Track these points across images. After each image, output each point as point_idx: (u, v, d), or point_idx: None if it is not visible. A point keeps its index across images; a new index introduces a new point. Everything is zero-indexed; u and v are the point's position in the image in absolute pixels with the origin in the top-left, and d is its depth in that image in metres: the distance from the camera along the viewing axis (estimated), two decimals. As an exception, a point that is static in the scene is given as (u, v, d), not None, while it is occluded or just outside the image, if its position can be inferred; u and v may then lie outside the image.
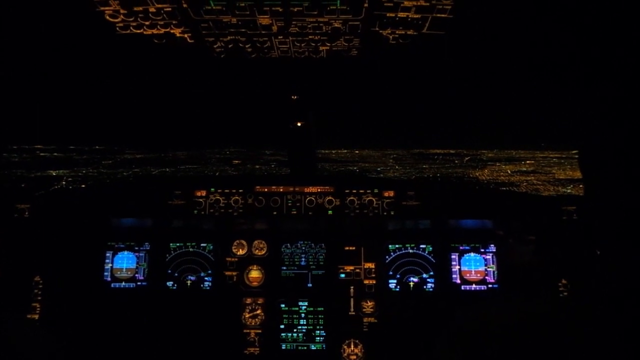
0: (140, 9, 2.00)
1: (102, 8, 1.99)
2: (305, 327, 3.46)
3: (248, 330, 3.44)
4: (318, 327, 3.46)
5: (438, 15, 2.04)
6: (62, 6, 2.02)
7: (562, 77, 2.77)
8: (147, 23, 2.13)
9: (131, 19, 2.09)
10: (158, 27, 2.18)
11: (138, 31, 2.21)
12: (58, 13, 2.10)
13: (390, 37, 2.28)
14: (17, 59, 2.61)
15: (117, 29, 2.18)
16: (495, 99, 3.37)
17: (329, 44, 2.37)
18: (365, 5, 1.97)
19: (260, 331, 3.44)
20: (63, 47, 2.49)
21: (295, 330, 3.46)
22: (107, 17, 2.07)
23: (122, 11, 2.01)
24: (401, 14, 2.05)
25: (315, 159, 3.84)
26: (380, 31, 2.23)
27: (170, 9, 2.02)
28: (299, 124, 3.46)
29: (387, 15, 2.07)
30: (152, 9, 2.01)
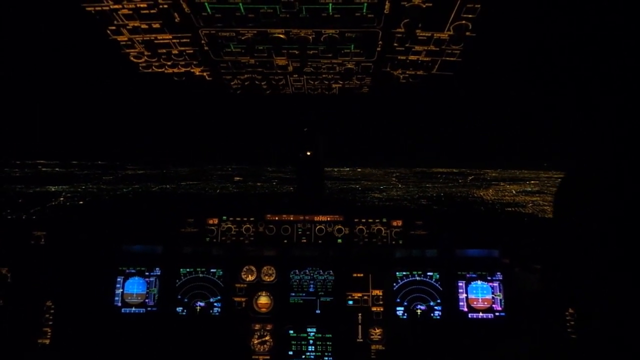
0: (164, 51, 2.10)
1: (127, 50, 2.09)
2: (314, 353, 3.47)
3: (257, 357, 3.46)
4: (326, 353, 3.47)
5: (447, 58, 2.14)
6: (85, 42, 2.11)
7: (559, 108, 2.86)
8: (169, 63, 2.23)
9: (154, 60, 2.19)
10: (179, 66, 2.28)
11: (159, 70, 2.31)
12: (82, 48, 2.20)
13: (401, 76, 2.37)
14: (37, 80, 2.71)
15: (140, 68, 2.28)
16: (499, 125, 3.46)
17: (341, 82, 2.47)
18: (378, 49, 2.07)
19: (268, 357, 3.46)
20: (84, 76, 2.58)
21: (303, 356, 3.47)
22: (132, 58, 2.17)
23: (146, 53, 2.11)
24: (412, 57, 2.15)
25: (323, 182, 3.88)
26: (392, 71, 2.32)
27: (192, 51, 2.12)
28: (308, 153, 3.54)
29: (399, 57, 2.16)
30: (174, 51, 2.11)
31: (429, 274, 3.62)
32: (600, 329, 3.17)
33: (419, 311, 3.56)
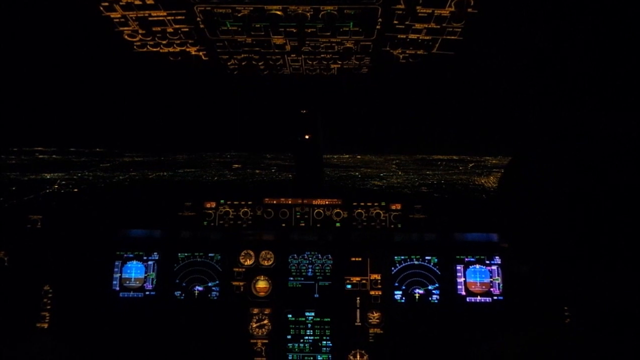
0: (159, 29, 2.05)
1: (121, 28, 2.04)
2: (312, 337, 3.49)
3: (255, 340, 3.47)
4: (324, 337, 3.48)
5: (448, 37, 2.09)
6: (78, 19, 2.06)
7: (559, 90, 2.82)
8: (164, 42, 2.18)
9: (149, 39, 2.14)
10: (174, 45, 2.23)
11: (155, 49, 2.26)
12: (74, 26, 2.14)
13: (401, 56, 2.33)
14: (34, 67, 2.65)
15: (135, 47, 2.23)
16: (501, 108, 3.41)
17: (340, 62, 2.42)
18: (378, 27, 2.02)
19: (267, 341, 3.47)
20: (77, 56, 2.52)
21: (301, 340, 3.49)
22: (126, 37, 2.12)
23: (140, 31, 2.06)
24: (412, 36, 2.10)
25: (321, 167, 3.86)
26: (391, 51, 2.27)
27: (187, 29, 2.07)
28: (307, 137, 3.50)
29: (399, 36, 2.11)
30: (169, 29, 2.06)
31: (427, 258, 3.62)
32: (597, 314, 3.18)
33: (417, 295, 3.57)
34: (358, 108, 3.28)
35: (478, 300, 3.54)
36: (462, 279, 3.58)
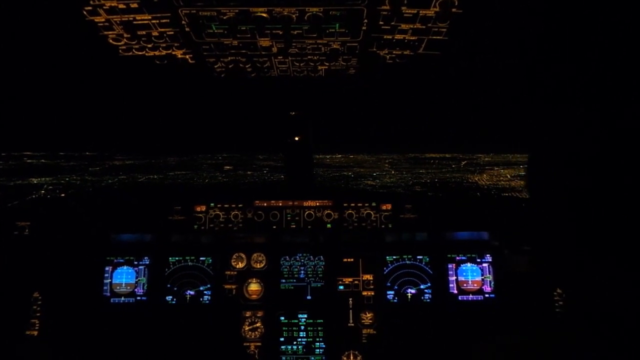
0: (144, 32, 2.04)
1: (105, 32, 2.02)
2: (305, 339, 3.48)
3: (248, 344, 3.46)
4: (318, 339, 3.48)
5: (434, 37, 2.10)
6: (62, 24, 2.04)
7: (544, 87, 2.84)
8: (149, 46, 2.16)
9: (134, 42, 2.13)
10: (160, 49, 2.21)
11: (140, 53, 2.25)
12: (58, 31, 2.12)
13: (388, 56, 2.33)
14: (21, 71, 2.63)
15: (120, 51, 2.21)
16: (488, 106, 3.43)
17: (327, 64, 2.42)
18: (364, 28, 2.03)
19: (260, 344, 3.46)
20: (63, 61, 2.50)
21: (295, 342, 3.47)
22: (111, 41, 2.10)
23: (125, 35, 2.05)
24: (398, 36, 2.11)
25: (312, 168, 3.85)
26: (378, 51, 2.28)
27: (172, 33, 2.06)
28: (296, 138, 3.50)
29: (385, 37, 2.12)
30: (155, 33, 2.04)
31: (418, 257, 3.63)
32: (588, 309, 3.21)
33: (409, 295, 3.57)
34: (347, 109, 3.29)
35: (470, 299, 3.55)
36: (454, 278, 3.59)
